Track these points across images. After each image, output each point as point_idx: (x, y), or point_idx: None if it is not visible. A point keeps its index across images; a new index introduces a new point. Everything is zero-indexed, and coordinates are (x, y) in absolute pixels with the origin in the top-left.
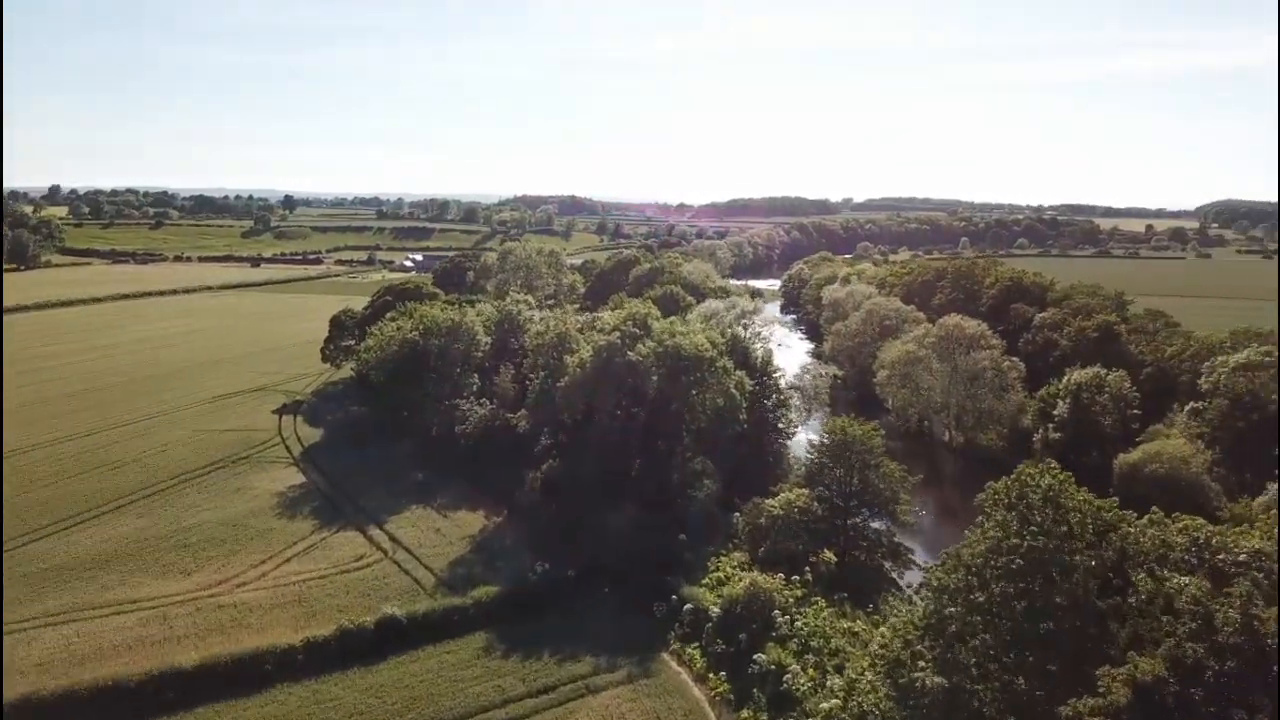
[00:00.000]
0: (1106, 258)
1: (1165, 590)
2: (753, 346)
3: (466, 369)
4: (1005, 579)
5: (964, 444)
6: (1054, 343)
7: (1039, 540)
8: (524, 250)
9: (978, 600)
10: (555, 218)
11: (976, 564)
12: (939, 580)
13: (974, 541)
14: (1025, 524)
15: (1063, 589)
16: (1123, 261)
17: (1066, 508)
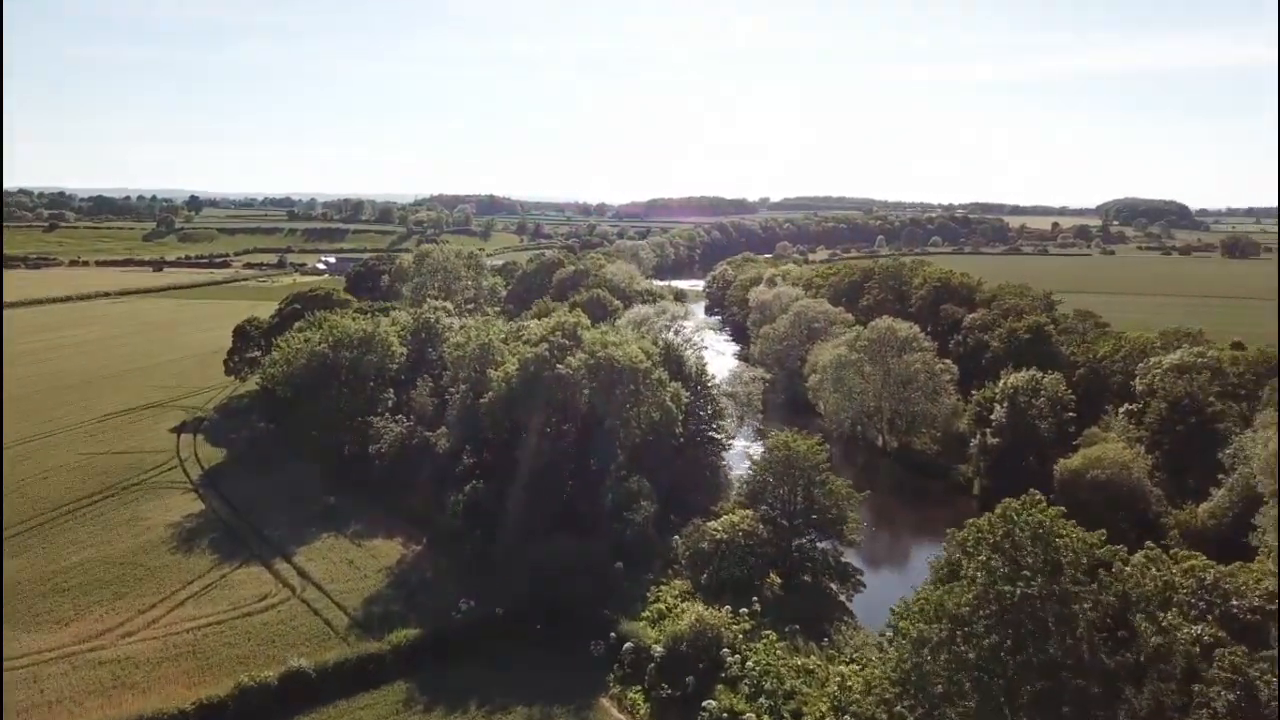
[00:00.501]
0: (1017, 255)
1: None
2: (686, 355)
3: (381, 383)
4: (996, 630)
5: (898, 448)
6: (985, 344)
7: (1032, 586)
8: (442, 252)
9: (966, 656)
10: (473, 218)
11: (963, 613)
12: (919, 631)
13: (959, 590)
14: (1015, 566)
15: (1062, 642)
16: (1033, 259)
17: (1058, 546)
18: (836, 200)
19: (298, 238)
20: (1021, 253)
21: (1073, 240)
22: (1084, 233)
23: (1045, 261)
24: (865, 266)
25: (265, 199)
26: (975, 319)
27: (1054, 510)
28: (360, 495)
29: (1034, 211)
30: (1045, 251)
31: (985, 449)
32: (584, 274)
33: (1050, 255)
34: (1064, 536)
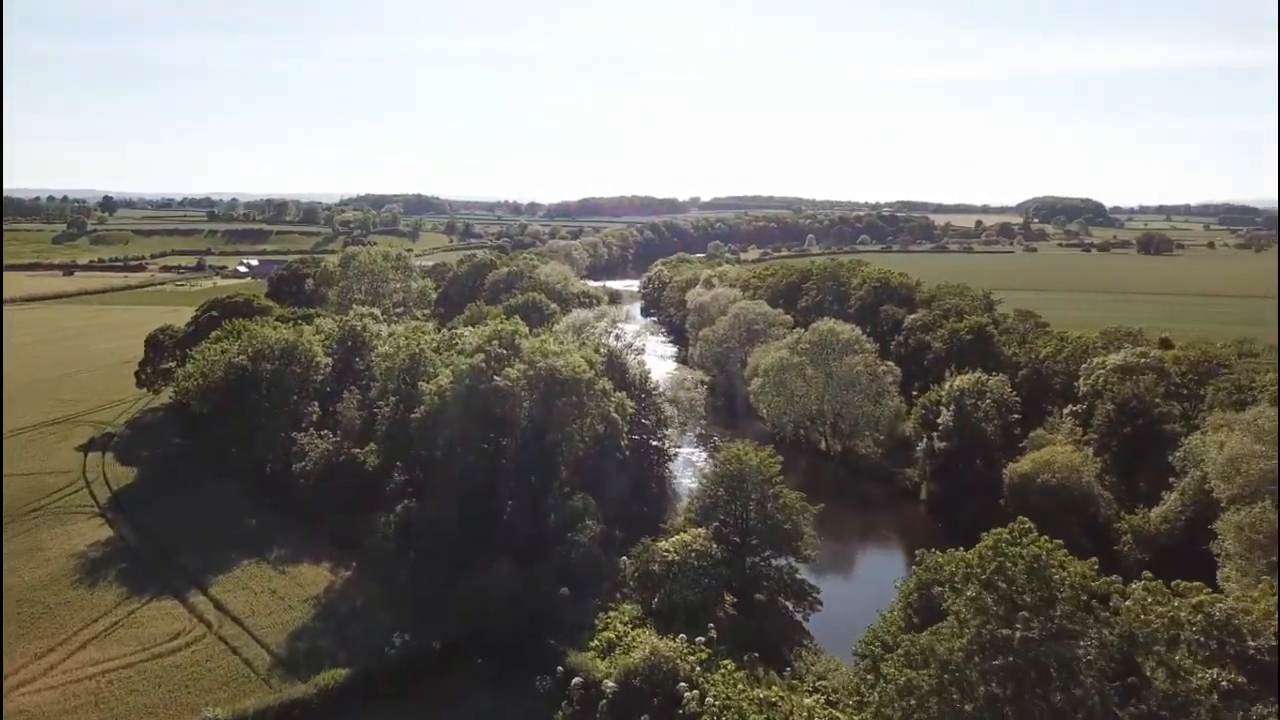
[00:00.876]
0: (944, 253)
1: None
2: (629, 362)
3: (304, 396)
4: (994, 678)
5: (842, 452)
6: (926, 345)
7: (1031, 629)
8: (368, 255)
9: (961, 707)
10: (401, 217)
11: (956, 659)
12: (906, 678)
13: (948, 634)
14: (1010, 605)
15: (1066, 690)
16: (960, 256)
17: (1054, 581)
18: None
19: (218, 239)
20: (948, 250)
21: (996, 238)
22: (1006, 230)
23: (972, 259)
24: (803, 267)
25: (184, 199)
26: (916, 320)
27: (1047, 541)
28: (284, 516)
29: (957, 210)
30: (970, 249)
31: (932, 453)
32: (518, 276)
33: (976, 253)
34: (1061, 570)
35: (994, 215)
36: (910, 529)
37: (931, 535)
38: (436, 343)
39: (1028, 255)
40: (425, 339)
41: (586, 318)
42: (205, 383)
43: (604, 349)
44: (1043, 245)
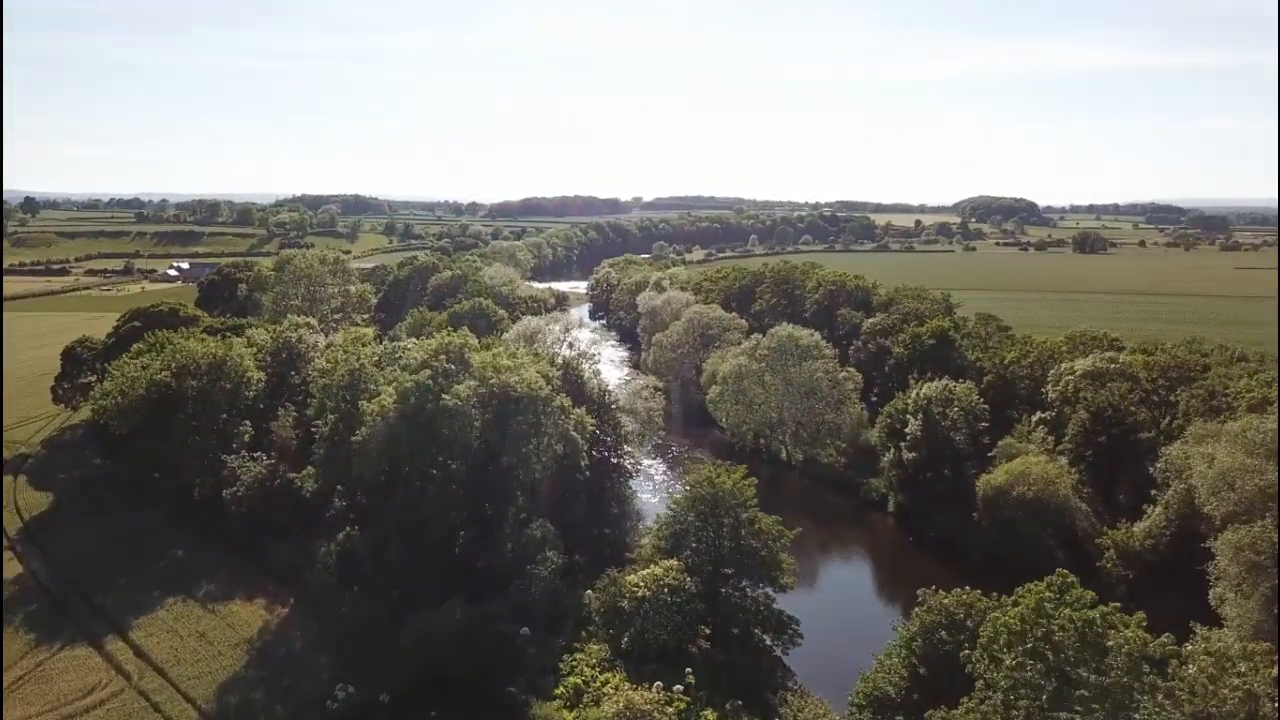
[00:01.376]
0: (885, 252)
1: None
2: (586, 374)
3: (235, 415)
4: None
5: (803, 461)
6: (886, 350)
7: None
8: (304, 258)
9: None
10: (339, 218)
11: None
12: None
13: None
14: (1062, 679)
15: None
16: (902, 255)
17: (1110, 648)
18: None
19: (147, 242)
20: (889, 250)
21: (935, 237)
22: (945, 229)
23: (915, 259)
24: (755, 270)
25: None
26: (875, 324)
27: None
28: (214, 546)
29: (895, 209)
30: (911, 248)
31: (900, 463)
32: (462, 279)
33: (917, 252)
34: (1116, 634)
35: (931, 215)
36: (879, 542)
37: (901, 548)
38: (378, 355)
39: (968, 254)
40: (366, 351)
41: (538, 325)
42: (125, 401)
43: (560, 360)
44: (981, 244)
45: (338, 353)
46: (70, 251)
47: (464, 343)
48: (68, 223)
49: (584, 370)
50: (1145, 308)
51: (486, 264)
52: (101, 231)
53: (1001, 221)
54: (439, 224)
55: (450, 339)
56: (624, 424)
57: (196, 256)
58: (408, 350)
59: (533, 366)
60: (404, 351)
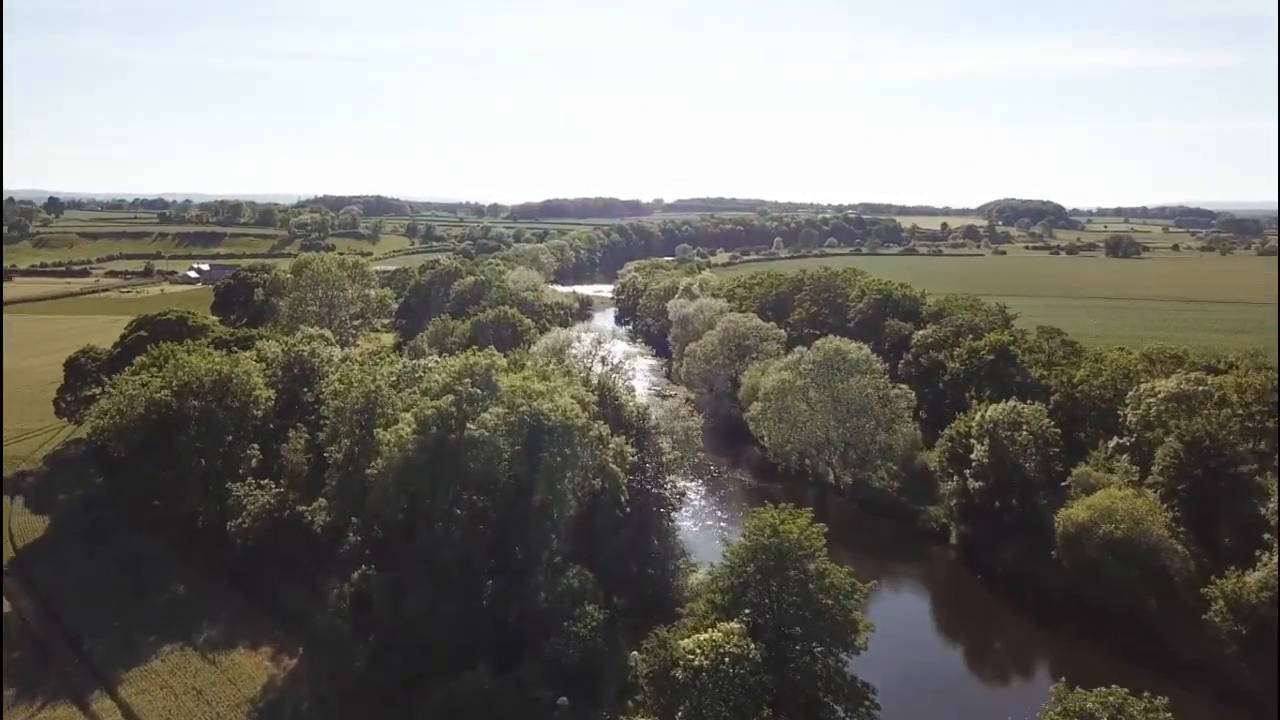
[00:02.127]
0: (913, 255)
1: None
2: (623, 395)
3: (242, 437)
4: None
5: (852, 485)
6: (939, 365)
7: None
8: (322, 262)
9: None
10: (361, 219)
11: None
12: None
13: None
14: None
15: None
16: (930, 259)
17: None
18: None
19: (168, 242)
20: (917, 253)
21: (963, 240)
22: (972, 233)
23: (943, 263)
24: (793, 276)
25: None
26: (926, 337)
27: None
28: (217, 583)
29: (918, 212)
30: (940, 252)
31: (964, 491)
32: (485, 285)
33: (945, 255)
34: None
35: (956, 217)
36: (941, 578)
37: (966, 585)
38: (396, 376)
39: (997, 258)
40: (383, 372)
41: (567, 338)
42: (123, 421)
43: (594, 380)
44: (1009, 248)
45: (353, 371)
46: (92, 252)
47: (490, 363)
48: (91, 223)
49: (620, 391)
50: (1192, 315)
51: (509, 267)
52: (123, 232)
53: (1029, 224)
54: (461, 225)
55: (475, 360)
56: (666, 452)
57: (218, 258)
58: (429, 371)
59: (567, 390)
60: (425, 372)
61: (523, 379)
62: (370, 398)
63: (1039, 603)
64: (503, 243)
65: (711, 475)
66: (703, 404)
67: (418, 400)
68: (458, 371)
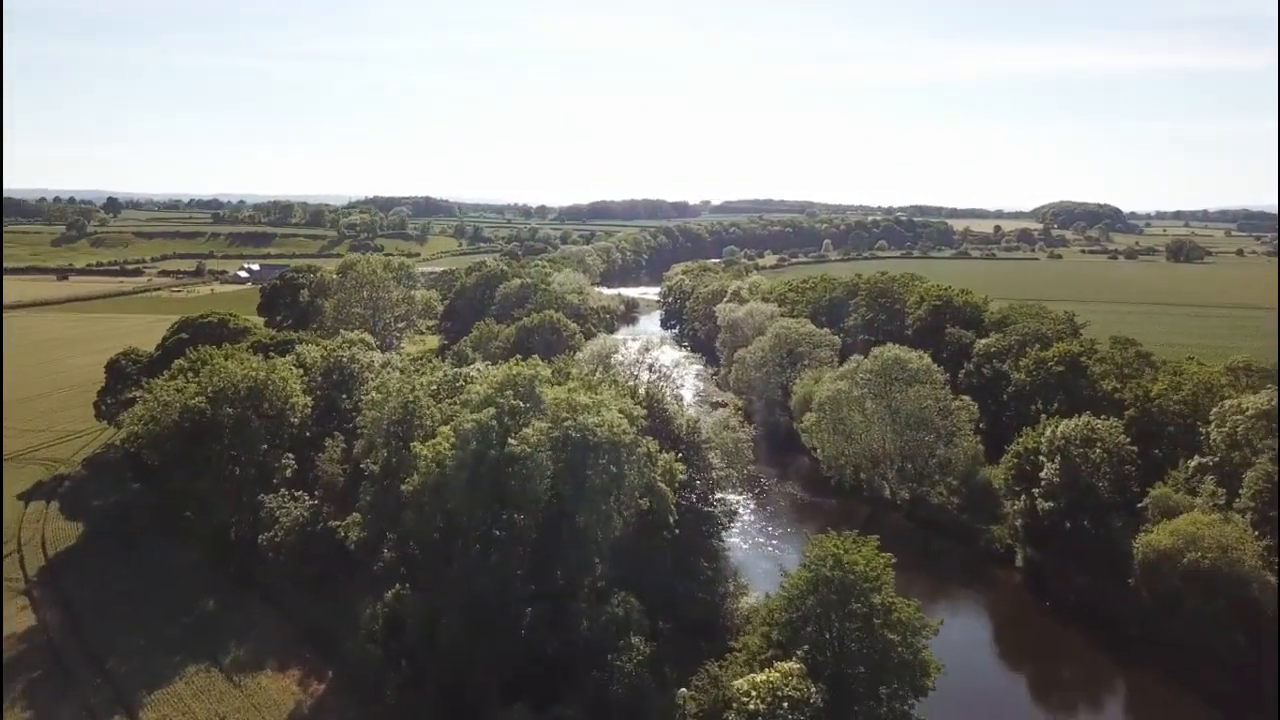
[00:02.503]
0: (966, 259)
1: None
2: (671, 407)
3: (277, 446)
4: None
5: (909, 501)
6: (1003, 376)
7: None
8: (368, 264)
9: None
10: (409, 220)
11: None
12: None
13: None
14: None
15: None
16: (984, 263)
17: None
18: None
19: (221, 242)
20: (970, 256)
21: (1016, 243)
22: (1026, 236)
23: (997, 266)
24: (846, 281)
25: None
26: (989, 346)
27: None
28: (248, 598)
29: (969, 215)
30: (993, 255)
31: (1031, 512)
32: (531, 288)
33: (999, 259)
34: None
35: (1009, 220)
36: (1006, 604)
37: (1035, 613)
38: (437, 385)
39: (1053, 262)
40: (423, 381)
41: (613, 344)
42: (156, 428)
43: (643, 392)
44: (1065, 251)
45: (392, 378)
46: (147, 251)
47: (534, 374)
48: (148, 223)
49: (670, 402)
50: (1268, 324)
51: (555, 270)
52: (177, 232)
53: (1085, 228)
54: (508, 226)
55: (519, 370)
56: (716, 467)
57: (269, 258)
58: (471, 382)
59: (614, 403)
60: (465, 380)
61: (568, 391)
62: (408, 408)
63: (1114, 634)
64: (549, 245)
65: (761, 488)
66: (752, 412)
67: (458, 412)
68: (500, 382)
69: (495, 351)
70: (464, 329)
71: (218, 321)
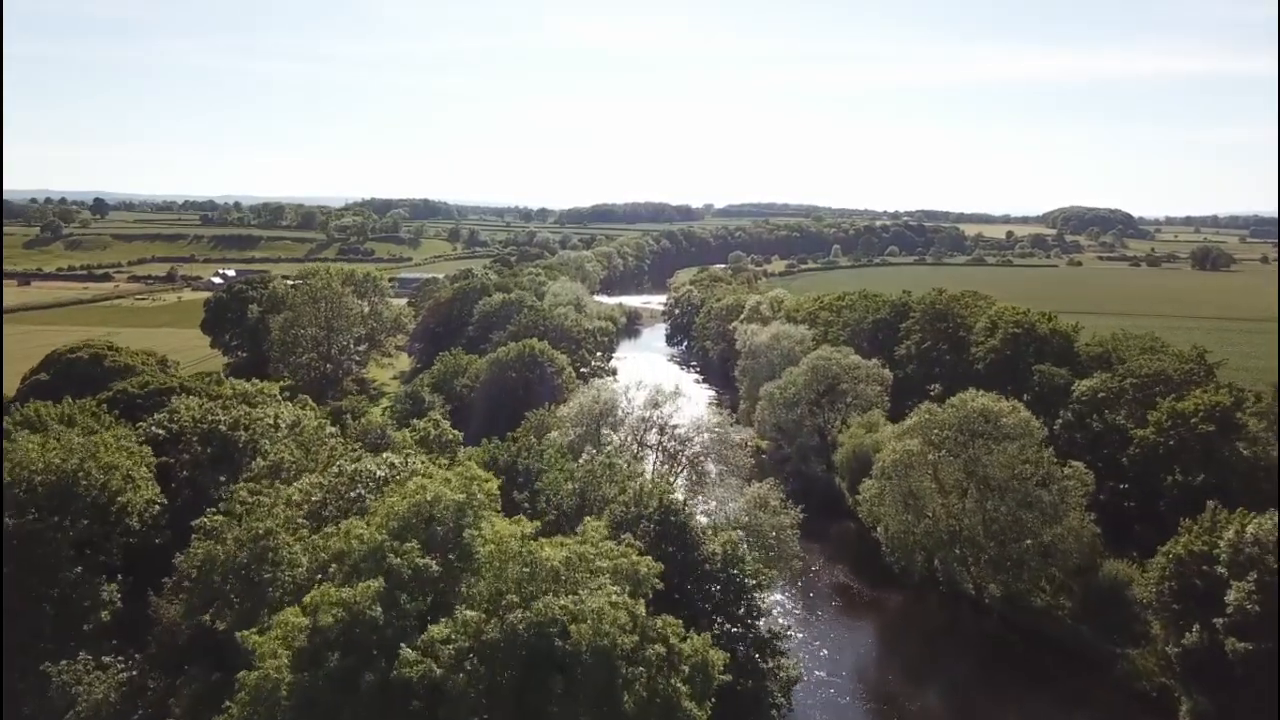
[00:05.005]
0: (982, 265)
1: None
2: (700, 525)
3: (91, 569)
4: None
5: (1003, 602)
6: (1117, 431)
7: None
8: (324, 276)
9: None
10: (404, 223)
11: None
12: None
13: None
14: None
15: None
16: (1000, 270)
17: None
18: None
19: (203, 245)
20: (985, 263)
21: (1031, 249)
22: (1040, 241)
23: (1016, 274)
24: (894, 299)
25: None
26: (1094, 389)
27: None
28: None
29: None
30: (1010, 262)
31: (1210, 648)
32: (515, 306)
33: (1016, 266)
34: None
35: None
36: None
37: None
38: (325, 491)
39: (1074, 270)
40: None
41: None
42: None
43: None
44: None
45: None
46: (124, 255)
47: (465, 499)
48: (134, 224)
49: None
50: None
51: (551, 278)
52: (158, 234)
53: (1099, 233)
54: (506, 230)
55: (438, 495)
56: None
57: (252, 262)
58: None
59: (609, 586)
60: (373, 484)
61: (523, 536)
62: (259, 545)
63: None
64: (546, 249)
65: (811, 577)
66: (780, 459)
67: (317, 598)
68: (401, 519)
69: (460, 393)
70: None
71: (90, 357)
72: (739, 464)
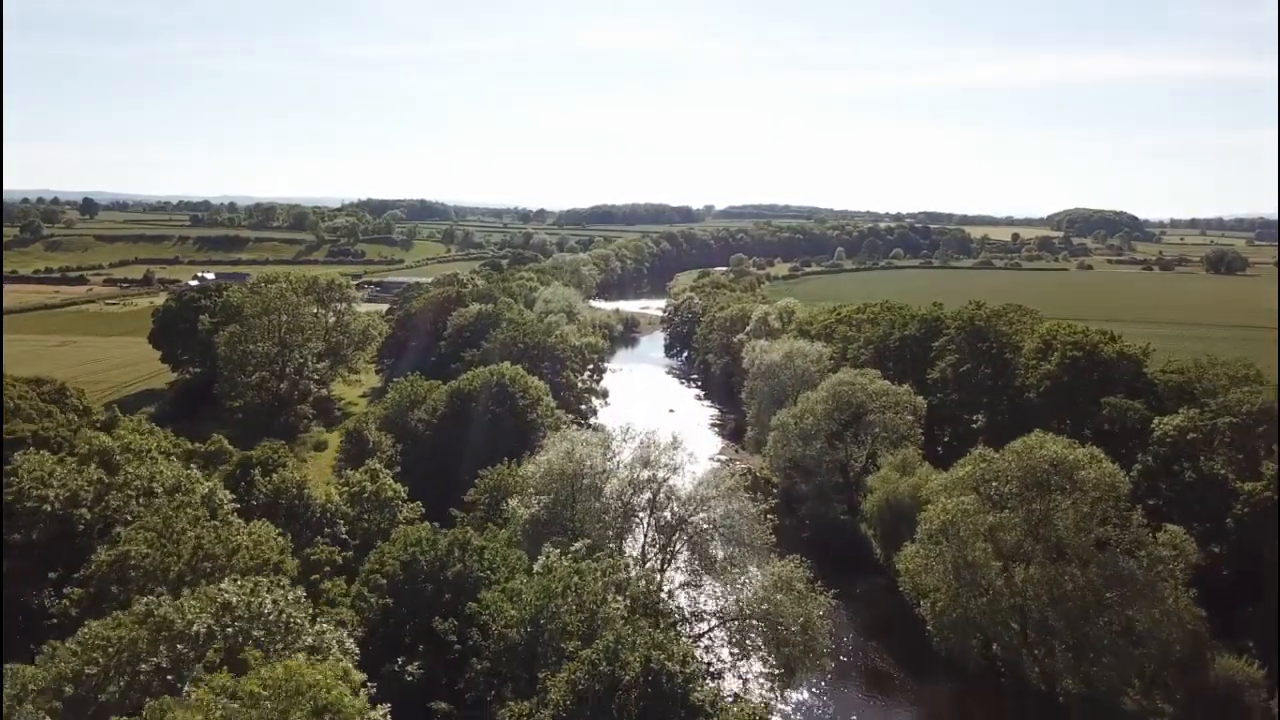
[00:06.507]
0: (990, 269)
1: None
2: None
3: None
4: None
5: (1082, 701)
6: (1220, 483)
7: None
8: (282, 284)
9: None
10: (398, 224)
11: None
12: None
13: None
14: None
15: None
16: (1010, 274)
17: None
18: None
19: (189, 247)
20: (993, 267)
21: (1038, 252)
22: (1048, 244)
23: (1026, 278)
24: (925, 314)
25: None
26: (1180, 427)
27: None
28: None
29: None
30: (1018, 265)
31: None
32: (493, 319)
33: (1025, 270)
34: None
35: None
36: None
37: None
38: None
39: (1084, 274)
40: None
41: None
42: None
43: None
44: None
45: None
46: (105, 256)
47: None
48: (122, 225)
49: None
50: None
51: (544, 283)
52: (141, 235)
53: (1106, 236)
54: (503, 231)
55: None
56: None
57: (238, 264)
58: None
59: None
60: None
61: None
62: None
63: None
64: (542, 252)
65: (839, 667)
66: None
67: None
68: None
69: (415, 428)
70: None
71: None
72: (757, 543)
